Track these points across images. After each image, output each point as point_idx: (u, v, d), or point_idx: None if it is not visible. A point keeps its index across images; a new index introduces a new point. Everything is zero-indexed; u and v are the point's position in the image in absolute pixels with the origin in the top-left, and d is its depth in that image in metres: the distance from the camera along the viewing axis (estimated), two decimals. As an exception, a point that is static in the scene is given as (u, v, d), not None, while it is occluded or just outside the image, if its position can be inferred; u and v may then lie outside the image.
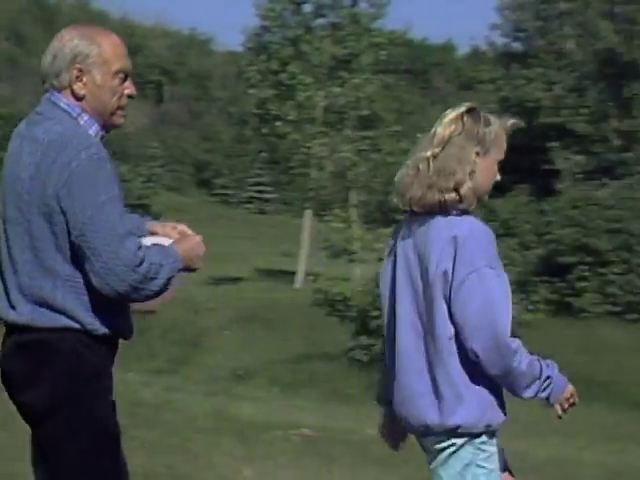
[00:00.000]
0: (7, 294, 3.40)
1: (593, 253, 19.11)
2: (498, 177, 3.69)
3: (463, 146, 3.55)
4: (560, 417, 3.43)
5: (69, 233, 3.25)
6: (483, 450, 3.43)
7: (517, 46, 32.80)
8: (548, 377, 3.40)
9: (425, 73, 49.53)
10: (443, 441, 3.43)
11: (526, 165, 27.87)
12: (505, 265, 3.76)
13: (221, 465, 7.15)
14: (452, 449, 3.44)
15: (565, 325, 17.54)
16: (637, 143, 27.18)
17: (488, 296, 3.37)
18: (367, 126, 33.33)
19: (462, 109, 3.60)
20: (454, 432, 3.41)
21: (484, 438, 3.43)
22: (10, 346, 3.36)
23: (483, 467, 3.44)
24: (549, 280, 19.54)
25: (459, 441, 3.41)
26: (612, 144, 29.19)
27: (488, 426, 3.41)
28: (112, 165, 3.34)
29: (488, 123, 3.59)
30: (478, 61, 39.67)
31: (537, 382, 3.39)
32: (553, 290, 19.46)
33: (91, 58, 3.38)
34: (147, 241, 3.41)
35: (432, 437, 3.47)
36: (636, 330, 16.82)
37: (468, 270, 3.37)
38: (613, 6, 30.21)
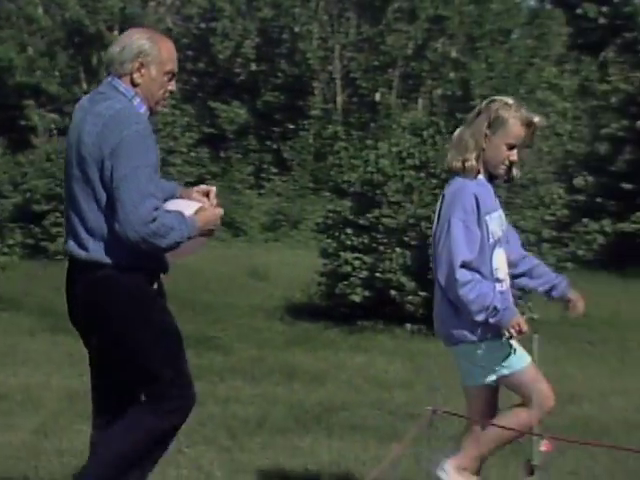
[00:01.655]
0: (75, 237, 3.85)
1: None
2: (513, 157, 4.15)
3: (478, 127, 4.12)
4: (509, 338, 4.06)
5: (111, 185, 3.71)
6: (477, 353, 4.11)
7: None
8: (495, 308, 4.00)
9: None
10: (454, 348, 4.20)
11: (2, 121, 27.11)
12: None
13: None
14: (460, 353, 4.18)
15: (40, 266, 17.18)
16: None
17: (450, 240, 4.02)
18: None
19: (492, 98, 4.21)
20: (452, 341, 4.16)
21: (483, 346, 4.09)
22: (81, 279, 3.84)
23: (480, 366, 4.13)
24: (25, 226, 19.07)
25: (462, 347, 4.13)
26: (84, 105, 29.13)
27: (480, 338, 4.08)
28: (154, 139, 3.86)
29: (507, 109, 4.10)
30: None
31: (485, 311, 3.99)
32: (29, 235, 19.04)
33: (151, 57, 3.88)
34: (171, 205, 3.84)
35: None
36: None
37: (445, 219, 4.07)
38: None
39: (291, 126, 28.57)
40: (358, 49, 29.04)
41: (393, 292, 11.47)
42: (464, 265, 4.05)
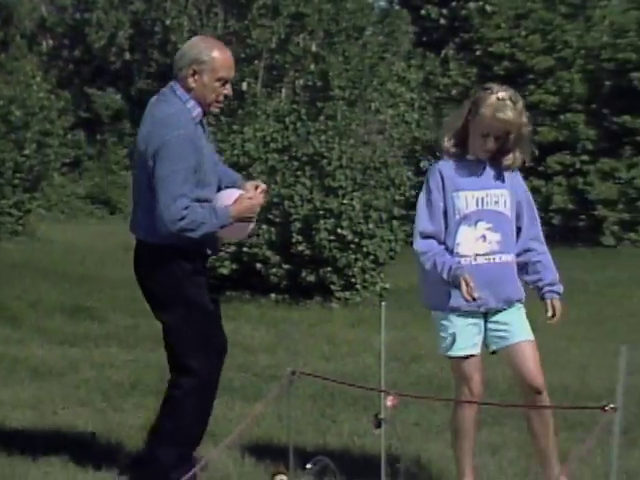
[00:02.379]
0: (133, 218, 4.15)
1: None
2: (486, 146, 3.91)
3: (461, 110, 3.96)
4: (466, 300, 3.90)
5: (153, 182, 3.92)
6: (436, 321, 4.13)
7: None
8: (443, 279, 3.91)
9: None
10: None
11: None
12: None
13: None
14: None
15: None
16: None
17: (416, 213, 3.99)
18: None
19: (487, 85, 3.95)
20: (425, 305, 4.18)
21: (441, 314, 4.06)
22: (137, 255, 4.15)
23: (440, 332, 4.10)
24: None
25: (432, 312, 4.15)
26: None
27: (435, 307, 4.08)
28: (197, 142, 3.95)
29: (486, 99, 3.85)
30: None
31: (439, 281, 3.92)
32: None
33: (205, 65, 3.97)
34: (223, 192, 4.07)
35: None
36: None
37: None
38: None
39: (163, 112, 28.18)
40: (226, 42, 28.27)
41: (259, 265, 11.49)
42: (427, 236, 3.95)
